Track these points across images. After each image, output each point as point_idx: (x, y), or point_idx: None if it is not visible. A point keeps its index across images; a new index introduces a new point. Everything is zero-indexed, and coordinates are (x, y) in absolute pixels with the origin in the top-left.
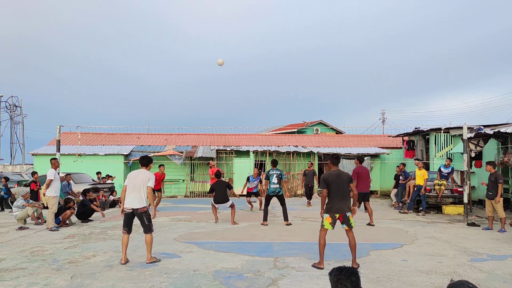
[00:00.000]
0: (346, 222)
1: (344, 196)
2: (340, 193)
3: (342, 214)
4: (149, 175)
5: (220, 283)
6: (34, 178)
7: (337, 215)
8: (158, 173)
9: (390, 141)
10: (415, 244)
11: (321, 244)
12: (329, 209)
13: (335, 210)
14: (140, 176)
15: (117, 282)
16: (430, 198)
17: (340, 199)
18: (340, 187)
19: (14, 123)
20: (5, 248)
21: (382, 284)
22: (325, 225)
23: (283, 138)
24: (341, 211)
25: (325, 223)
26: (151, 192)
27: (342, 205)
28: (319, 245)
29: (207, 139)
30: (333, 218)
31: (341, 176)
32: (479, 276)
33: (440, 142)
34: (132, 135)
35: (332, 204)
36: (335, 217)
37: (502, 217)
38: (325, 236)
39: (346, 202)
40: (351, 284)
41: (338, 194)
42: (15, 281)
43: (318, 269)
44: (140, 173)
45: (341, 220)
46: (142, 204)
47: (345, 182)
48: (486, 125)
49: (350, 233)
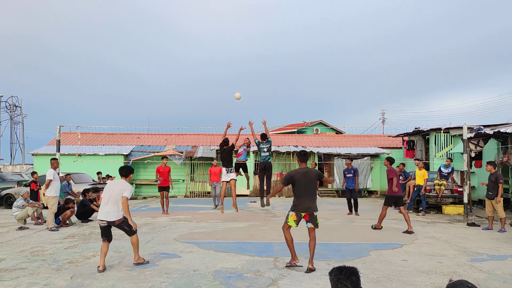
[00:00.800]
0: (313, 221)
1: (311, 194)
2: (307, 191)
3: (309, 213)
4: (126, 186)
5: (220, 283)
6: (34, 178)
7: (303, 213)
8: (161, 166)
9: (390, 141)
10: (415, 244)
11: (288, 240)
12: (295, 207)
13: (302, 209)
14: (117, 187)
15: (117, 282)
16: (430, 198)
17: (307, 197)
18: (308, 186)
19: (14, 123)
20: (5, 248)
21: (382, 284)
22: (289, 222)
23: (283, 138)
24: (309, 210)
25: (290, 220)
26: (126, 203)
27: (309, 204)
28: (287, 242)
29: (207, 139)
30: (298, 216)
31: (308, 174)
32: (479, 276)
33: (440, 142)
34: (132, 135)
35: (299, 202)
36: (300, 215)
37: (502, 217)
38: (290, 232)
39: (313, 201)
40: (351, 284)
41: (305, 192)
42: (15, 281)
43: (293, 266)
44: (118, 184)
45: (307, 219)
46: (119, 216)
47: (313, 180)
48: (486, 125)
49: (312, 233)
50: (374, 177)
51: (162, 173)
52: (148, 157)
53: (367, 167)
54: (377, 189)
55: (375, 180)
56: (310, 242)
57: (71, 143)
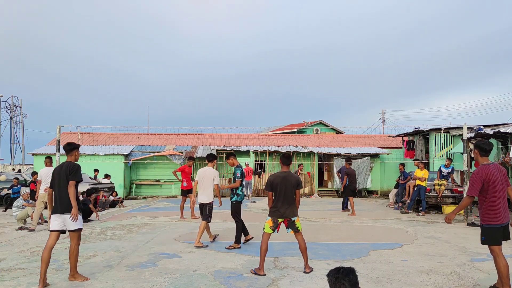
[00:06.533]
0: (292, 226)
1: (288, 200)
2: (285, 197)
3: (287, 219)
4: (215, 174)
5: (220, 283)
6: (34, 179)
7: (280, 219)
8: (186, 165)
9: (390, 141)
10: (415, 244)
11: (262, 250)
12: (272, 213)
13: (278, 215)
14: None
15: (117, 282)
16: (430, 198)
17: (284, 203)
18: (287, 192)
19: (14, 123)
20: (5, 248)
21: (382, 284)
22: (265, 229)
23: (283, 138)
24: (285, 216)
25: (266, 227)
26: (217, 189)
27: (285, 210)
28: (261, 250)
29: (207, 139)
30: (274, 222)
31: (287, 179)
32: (479, 276)
33: (440, 142)
34: (132, 135)
35: (276, 208)
36: (277, 221)
37: None
38: (268, 241)
39: (290, 207)
40: (349, 283)
41: (282, 198)
42: (15, 281)
43: (257, 275)
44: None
45: (286, 225)
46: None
47: (291, 186)
48: (486, 125)
49: (299, 236)
50: (374, 177)
51: (187, 174)
52: (148, 157)
53: (367, 167)
54: (377, 189)
55: (375, 180)
56: (300, 246)
57: None
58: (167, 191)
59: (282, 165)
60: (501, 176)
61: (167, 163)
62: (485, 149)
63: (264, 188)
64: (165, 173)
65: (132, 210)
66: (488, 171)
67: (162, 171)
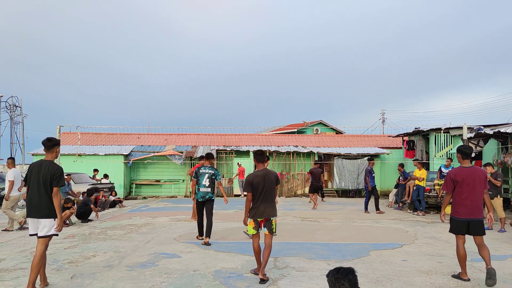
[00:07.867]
0: (268, 226)
1: (268, 199)
2: (265, 195)
3: (266, 218)
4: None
5: (220, 283)
6: None
7: (259, 219)
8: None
9: (390, 141)
10: (415, 244)
11: (255, 251)
12: (252, 213)
13: (258, 215)
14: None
15: (117, 282)
16: (430, 198)
17: (263, 202)
18: (267, 190)
19: (14, 123)
20: (5, 248)
21: (382, 284)
22: (248, 231)
23: (283, 138)
24: (264, 215)
25: (249, 229)
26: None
27: (264, 209)
28: (254, 252)
29: (207, 139)
30: (256, 222)
31: (267, 177)
32: (479, 276)
33: (440, 142)
34: (132, 135)
35: (255, 208)
36: (258, 221)
37: (502, 217)
38: (258, 241)
39: (271, 206)
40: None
41: (262, 197)
42: (15, 281)
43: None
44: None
45: (263, 224)
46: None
47: (271, 184)
48: (486, 125)
49: (268, 240)
50: None
51: None
52: (148, 157)
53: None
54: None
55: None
56: (264, 251)
57: (71, 143)
58: (167, 191)
59: (257, 163)
60: (476, 178)
61: (167, 163)
62: (466, 152)
63: (243, 189)
64: (165, 173)
65: (132, 210)
66: (459, 173)
67: (162, 171)
